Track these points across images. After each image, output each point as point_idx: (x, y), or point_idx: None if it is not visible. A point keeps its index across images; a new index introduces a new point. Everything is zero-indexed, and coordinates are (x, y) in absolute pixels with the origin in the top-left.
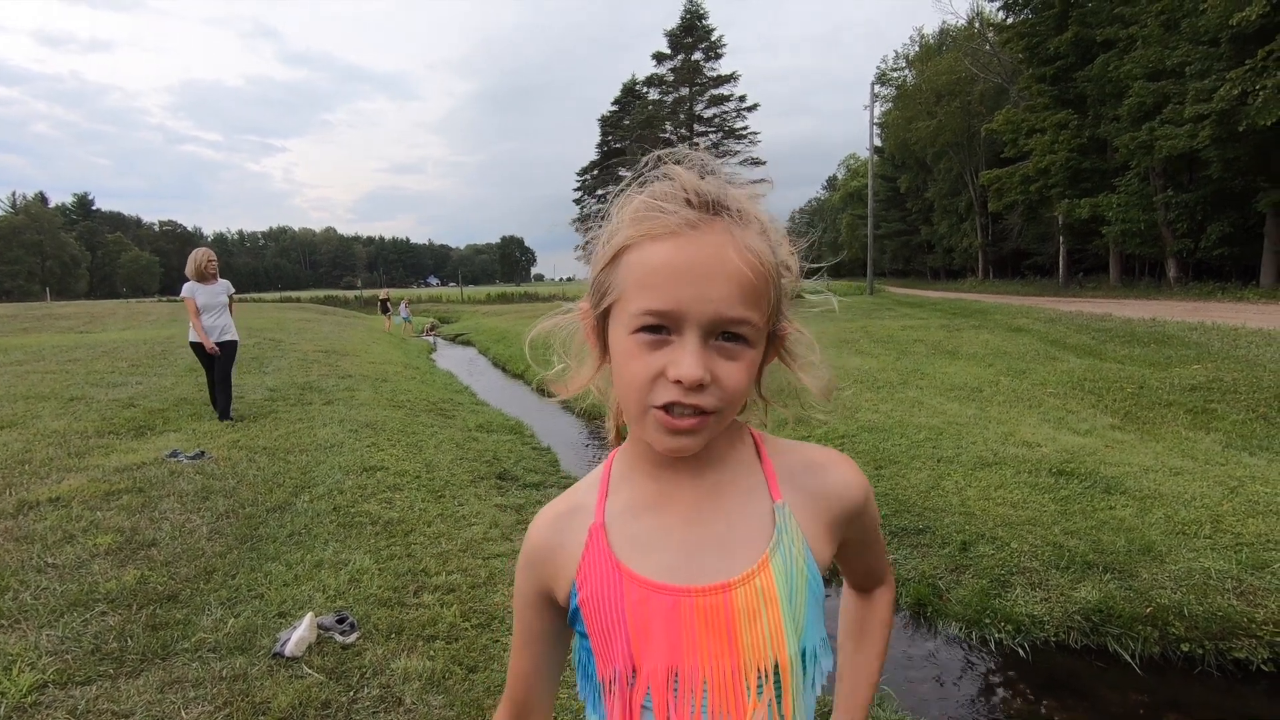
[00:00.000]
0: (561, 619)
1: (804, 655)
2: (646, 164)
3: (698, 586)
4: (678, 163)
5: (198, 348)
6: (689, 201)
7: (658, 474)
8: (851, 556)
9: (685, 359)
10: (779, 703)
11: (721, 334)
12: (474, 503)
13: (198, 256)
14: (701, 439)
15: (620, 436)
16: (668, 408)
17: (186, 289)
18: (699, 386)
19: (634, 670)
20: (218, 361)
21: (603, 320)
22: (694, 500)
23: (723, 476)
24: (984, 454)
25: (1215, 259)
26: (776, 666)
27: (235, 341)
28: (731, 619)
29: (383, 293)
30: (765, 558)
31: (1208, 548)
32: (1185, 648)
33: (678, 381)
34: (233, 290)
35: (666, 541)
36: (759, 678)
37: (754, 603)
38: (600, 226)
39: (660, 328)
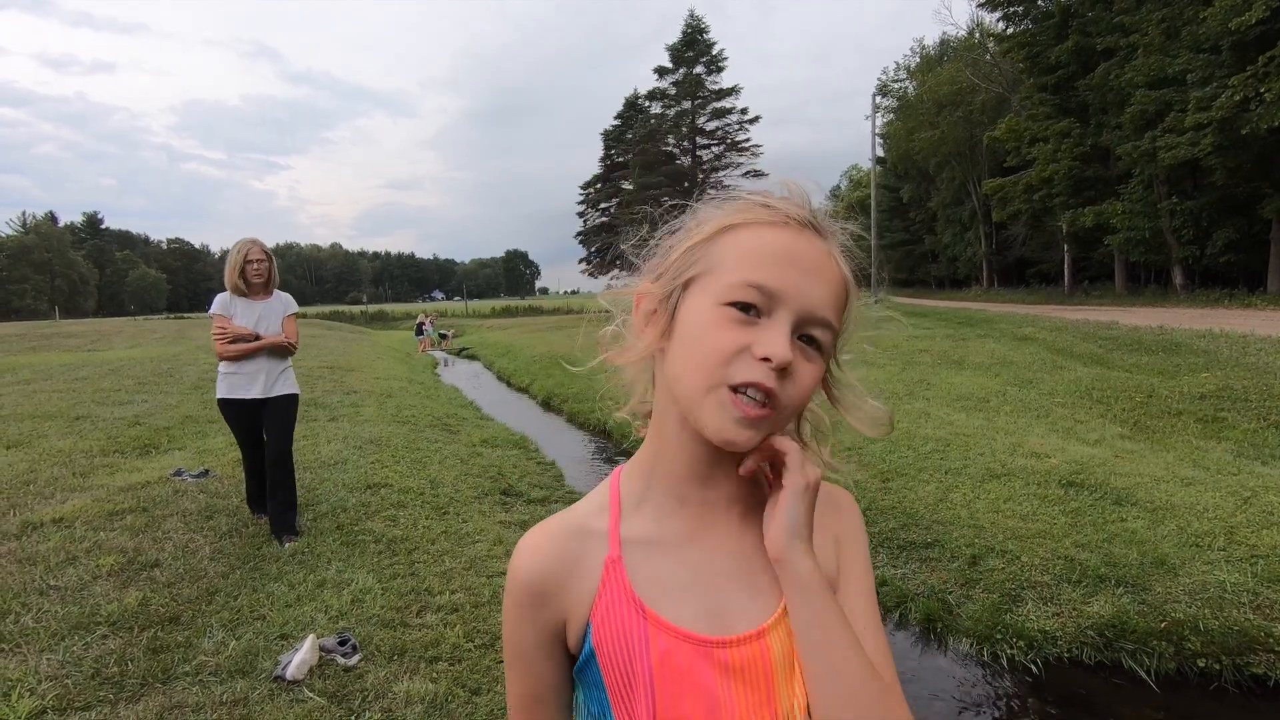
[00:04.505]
0: (570, 667)
1: None
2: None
3: (732, 637)
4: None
5: (229, 407)
6: (805, 216)
7: (684, 496)
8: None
9: (778, 339)
10: None
11: (801, 335)
12: (478, 519)
13: (237, 252)
14: (760, 434)
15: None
16: (742, 390)
17: (218, 304)
18: (783, 371)
19: None
20: (270, 429)
21: (670, 299)
22: (723, 533)
23: (749, 509)
24: (992, 465)
25: (1221, 266)
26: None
27: (296, 395)
28: (769, 670)
29: (422, 316)
30: None
31: (1222, 560)
32: (1201, 663)
33: (765, 360)
34: (295, 309)
35: (695, 581)
36: None
37: (790, 648)
38: (678, 221)
39: (751, 307)
